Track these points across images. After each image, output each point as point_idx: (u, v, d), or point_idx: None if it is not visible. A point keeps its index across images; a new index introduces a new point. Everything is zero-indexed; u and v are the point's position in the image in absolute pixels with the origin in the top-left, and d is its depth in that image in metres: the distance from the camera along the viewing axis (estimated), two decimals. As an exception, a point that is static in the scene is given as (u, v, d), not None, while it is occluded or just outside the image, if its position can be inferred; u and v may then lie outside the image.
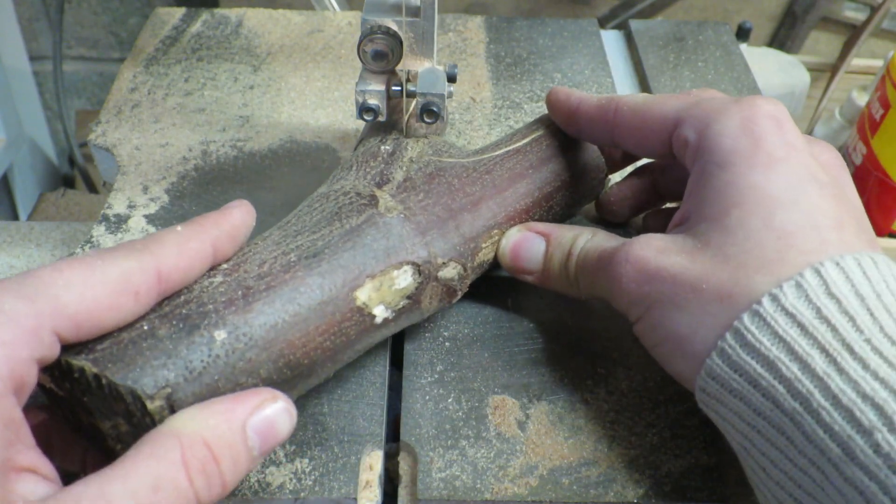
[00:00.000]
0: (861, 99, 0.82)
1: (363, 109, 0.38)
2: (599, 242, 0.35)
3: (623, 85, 0.59)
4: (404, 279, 0.34)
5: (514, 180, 0.39)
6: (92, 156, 0.60)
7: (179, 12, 0.62)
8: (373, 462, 0.34)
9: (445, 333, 0.38)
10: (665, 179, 0.42)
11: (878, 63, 0.90)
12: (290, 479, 0.32)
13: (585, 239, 0.36)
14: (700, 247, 0.30)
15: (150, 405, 0.26)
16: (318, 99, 0.54)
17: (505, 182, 0.38)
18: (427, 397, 0.35)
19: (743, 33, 0.88)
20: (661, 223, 0.42)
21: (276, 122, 0.52)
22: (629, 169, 0.45)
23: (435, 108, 0.38)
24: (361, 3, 0.38)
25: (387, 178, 0.36)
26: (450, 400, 0.35)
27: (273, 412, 0.27)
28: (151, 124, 0.51)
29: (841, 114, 0.85)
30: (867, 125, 0.69)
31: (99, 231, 0.43)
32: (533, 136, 0.41)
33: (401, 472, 0.33)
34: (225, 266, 0.31)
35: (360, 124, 0.51)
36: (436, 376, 0.36)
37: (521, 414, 0.35)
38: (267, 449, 0.27)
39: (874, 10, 0.94)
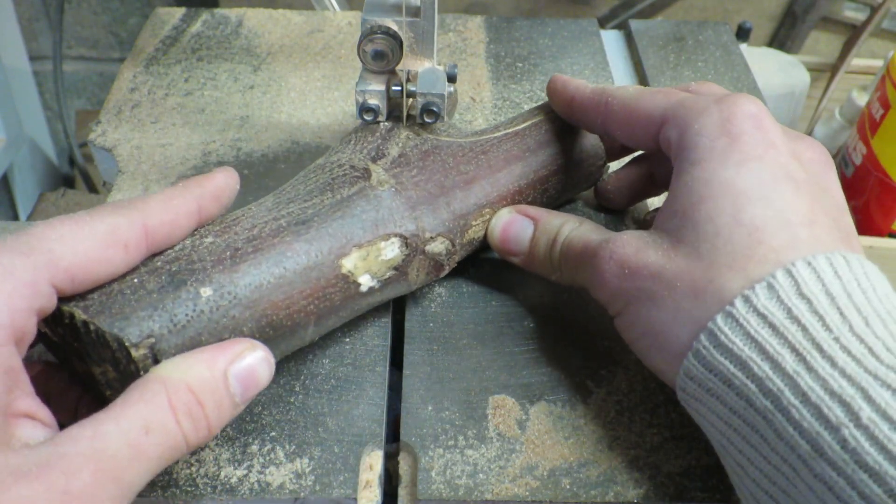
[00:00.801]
0: (861, 99, 0.82)
1: (363, 109, 0.39)
2: (584, 233, 0.35)
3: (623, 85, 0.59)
4: (391, 250, 0.34)
5: (510, 162, 0.39)
6: (92, 156, 0.60)
7: (179, 12, 0.62)
8: (373, 462, 0.34)
9: (446, 333, 0.38)
10: (662, 169, 0.42)
11: (878, 63, 0.90)
12: (290, 479, 0.32)
13: (570, 228, 0.36)
14: (675, 243, 0.31)
15: (135, 353, 0.27)
16: (318, 99, 0.54)
17: (500, 163, 0.39)
18: (427, 397, 0.35)
19: (743, 33, 0.88)
20: None
21: (276, 122, 0.52)
22: (628, 157, 0.45)
23: (435, 108, 0.38)
24: (361, 3, 0.38)
25: (382, 153, 0.37)
26: (450, 400, 0.35)
27: (253, 360, 0.29)
28: (151, 124, 0.51)
29: (841, 114, 0.85)
30: (867, 125, 0.69)
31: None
32: (532, 120, 0.41)
33: (401, 472, 0.33)
34: (217, 227, 0.32)
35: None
36: (436, 376, 0.36)
37: (521, 414, 0.35)
38: (248, 396, 0.29)
39: (874, 10, 0.94)
